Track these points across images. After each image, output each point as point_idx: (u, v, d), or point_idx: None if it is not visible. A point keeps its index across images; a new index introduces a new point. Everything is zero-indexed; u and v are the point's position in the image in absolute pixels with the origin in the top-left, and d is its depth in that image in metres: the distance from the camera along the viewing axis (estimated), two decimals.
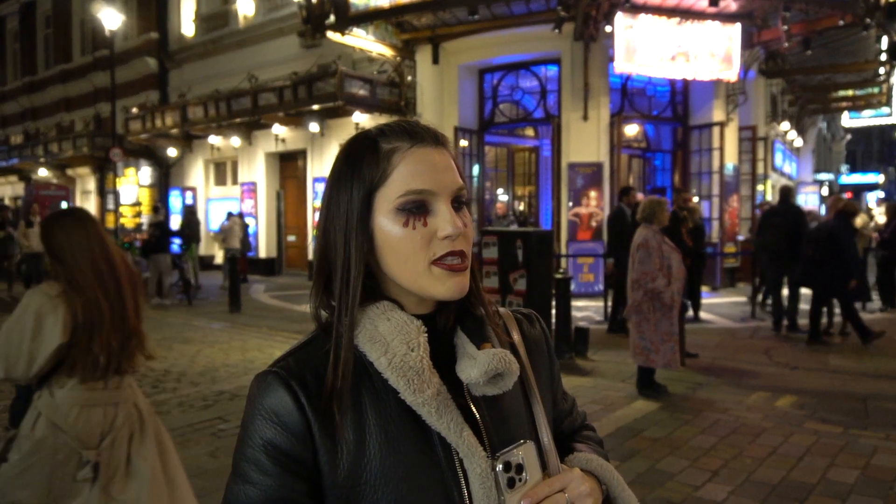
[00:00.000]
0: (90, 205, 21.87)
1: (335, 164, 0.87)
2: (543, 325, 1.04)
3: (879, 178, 39.02)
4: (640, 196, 8.86)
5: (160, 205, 10.32)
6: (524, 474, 0.81)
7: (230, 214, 14.99)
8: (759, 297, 9.79)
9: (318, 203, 15.12)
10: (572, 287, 7.77)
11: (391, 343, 0.81)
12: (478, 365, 0.83)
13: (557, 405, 1.03)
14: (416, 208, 0.81)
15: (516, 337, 0.96)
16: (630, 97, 12.32)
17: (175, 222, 16.11)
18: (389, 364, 0.80)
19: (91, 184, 22.04)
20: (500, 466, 0.80)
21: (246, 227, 14.88)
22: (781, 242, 7.97)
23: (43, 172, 22.46)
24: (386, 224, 0.82)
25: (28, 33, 25.34)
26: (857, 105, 21.89)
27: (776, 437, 4.48)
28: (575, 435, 1.03)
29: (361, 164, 0.84)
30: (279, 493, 0.78)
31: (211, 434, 4.61)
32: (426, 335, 0.83)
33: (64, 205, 19.42)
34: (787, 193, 8.50)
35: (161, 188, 19.40)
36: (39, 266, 11.64)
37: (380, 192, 0.83)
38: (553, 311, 6.75)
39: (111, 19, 14.88)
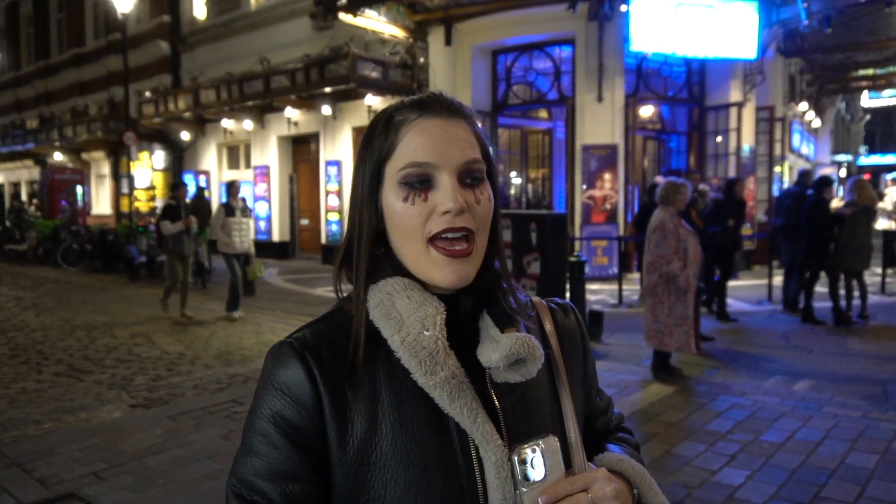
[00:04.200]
0: (105, 189, 22.04)
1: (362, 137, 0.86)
2: (579, 317, 0.98)
3: None
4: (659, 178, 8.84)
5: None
6: (543, 469, 0.76)
7: None
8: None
9: (330, 186, 15.12)
10: (586, 270, 7.73)
11: (406, 321, 0.78)
12: (499, 348, 0.79)
13: (591, 402, 0.98)
14: (417, 182, 0.79)
15: (549, 327, 0.92)
16: (645, 78, 12.13)
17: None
18: (402, 342, 0.77)
19: (105, 168, 22.18)
20: (517, 458, 0.75)
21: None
22: (789, 225, 8.23)
23: (58, 157, 22.62)
24: (390, 198, 0.81)
25: (41, 17, 25.40)
26: (877, 85, 21.49)
27: (794, 422, 4.43)
28: (608, 435, 0.98)
29: (374, 137, 0.83)
30: (284, 466, 0.77)
31: (225, 416, 4.64)
32: (444, 315, 0.79)
33: (79, 189, 19.57)
34: (802, 176, 8.77)
35: (174, 172, 19.46)
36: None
37: (387, 166, 0.81)
38: (567, 295, 6.72)
39: (123, 3, 14.84)
